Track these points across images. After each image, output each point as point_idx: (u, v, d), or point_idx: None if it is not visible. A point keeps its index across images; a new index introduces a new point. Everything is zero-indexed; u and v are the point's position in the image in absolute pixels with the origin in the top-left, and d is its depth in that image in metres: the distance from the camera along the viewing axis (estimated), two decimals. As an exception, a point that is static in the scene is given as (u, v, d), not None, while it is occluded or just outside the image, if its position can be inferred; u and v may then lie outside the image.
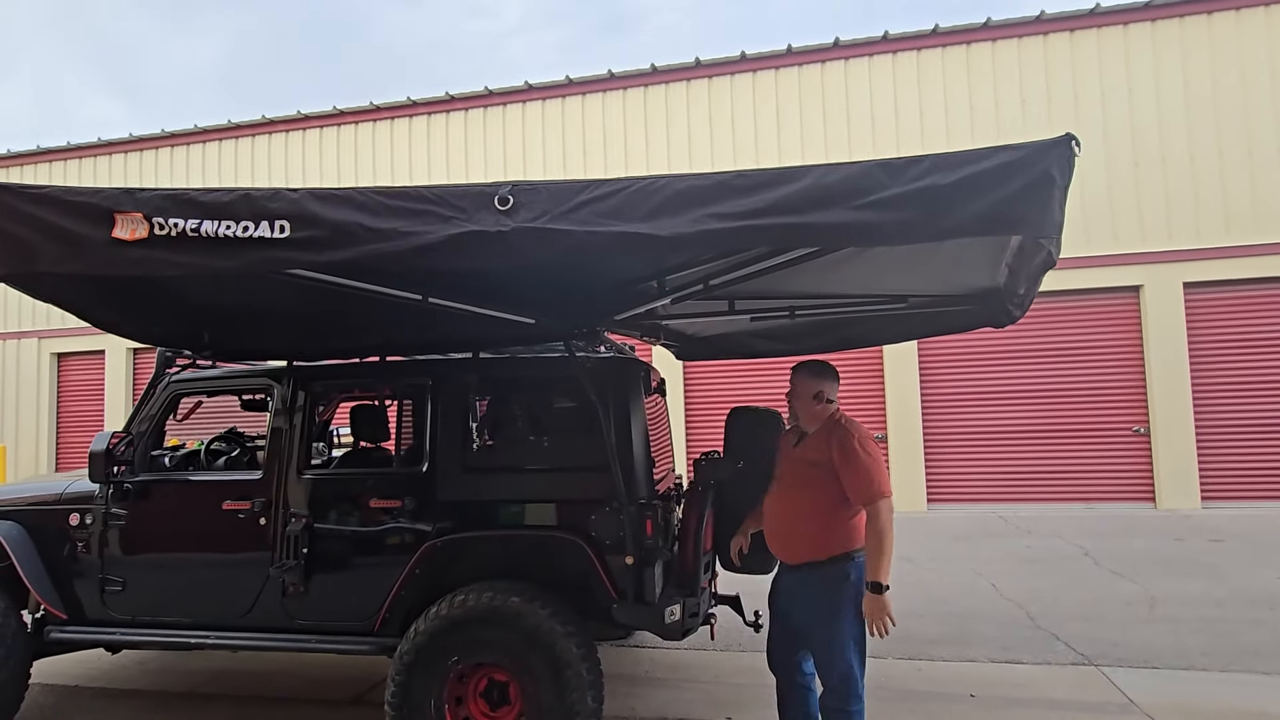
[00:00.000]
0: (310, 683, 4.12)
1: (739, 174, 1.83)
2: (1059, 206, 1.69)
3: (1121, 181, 9.38)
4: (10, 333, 12.98)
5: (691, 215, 1.79)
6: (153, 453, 3.64)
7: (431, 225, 1.83)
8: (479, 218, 1.83)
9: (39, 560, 3.50)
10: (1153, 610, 5.00)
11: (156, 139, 12.66)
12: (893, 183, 1.74)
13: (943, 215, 1.72)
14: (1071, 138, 1.69)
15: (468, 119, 11.44)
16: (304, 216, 1.85)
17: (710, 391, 10.35)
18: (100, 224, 1.87)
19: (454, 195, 1.87)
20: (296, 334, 3.53)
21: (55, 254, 1.90)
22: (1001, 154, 1.70)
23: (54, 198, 1.92)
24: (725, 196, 1.80)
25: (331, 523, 3.26)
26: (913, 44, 10.01)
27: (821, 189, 1.77)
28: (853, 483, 2.55)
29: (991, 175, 1.70)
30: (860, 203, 1.74)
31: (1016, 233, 1.85)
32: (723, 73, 10.61)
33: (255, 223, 1.83)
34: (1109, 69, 9.51)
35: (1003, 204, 1.69)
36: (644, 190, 1.83)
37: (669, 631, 2.97)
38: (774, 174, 1.82)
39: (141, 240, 1.85)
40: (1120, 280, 9.30)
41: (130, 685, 4.16)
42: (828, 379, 2.79)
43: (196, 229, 1.84)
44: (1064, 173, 1.68)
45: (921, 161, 1.75)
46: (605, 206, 1.83)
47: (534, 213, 1.83)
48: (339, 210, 1.86)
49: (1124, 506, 9.10)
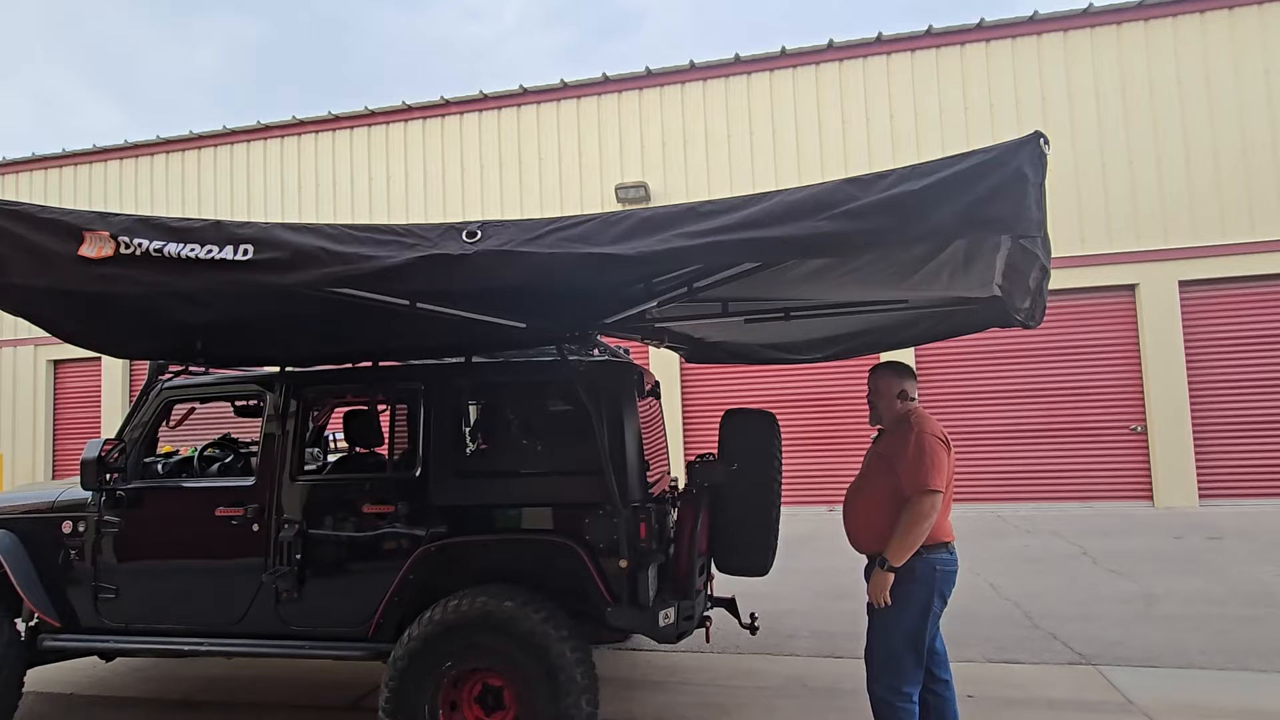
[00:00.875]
0: (305, 689, 4.10)
1: (705, 202, 1.90)
2: (1036, 203, 1.69)
3: (1116, 180, 9.40)
4: (6, 340, 12.96)
5: (658, 236, 1.85)
6: (146, 459, 3.63)
7: (394, 251, 1.89)
8: (444, 245, 1.89)
9: (32, 568, 3.48)
10: (1151, 609, 5.00)
11: (153, 145, 12.65)
12: (863, 195, 1.76)
13: (916, 220, 1.73)
14: (1040, 135, 1.70)
15: (463, 123, 11.44)
16: (268, 240, 1.92)
17: (707, 394, 10.35)
18: (68, 241, 1.93)
19: (422, 229, 1.95)
20: (288, 340, 3.52)
21: (24, 267, 1.95)
22: (972, 157, 1.72)
23: (26, 214, 1.98)
24: (691, 221, 1.85)
25: (325, 528, 3.25)
26: (907, 45, 10.04)
27: (788, 204, 1.80)
28: (905, 471, 2.61)
29: (963, 177, 1.71)
30: (828, 214, 1.77)
31: (995, 232, 1.86)
32: (717, 75, 10.62)
33: (220, 246, 1.90)
34: (1103, 68, 9.54)
35: (977, 204, 1.70)
36: (609, 220, 1.91)
37: (663, 635, 2.96)
38: (740, 199, 1.87)
39: (107, 258, 1.91)
40: (1116, 279, 9.31)
41: (125, 693, 4.14)
42: (909, 378, 2.86)
43: (160, 249, 1.91)
44: (1036, 169, 1.69)
45: (890, 174, 1.78)
46: (571, 234, 1.89)
47: (500, 240, 1.89)
48: (303, 236, 1.92)
49: (1122, 505, 9.10)
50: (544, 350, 3.50)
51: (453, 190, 11.36)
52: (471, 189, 11.33)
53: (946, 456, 2.64)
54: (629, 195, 10.50)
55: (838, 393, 9.93)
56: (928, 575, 2.61)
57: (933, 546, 2.63)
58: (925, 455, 2.59)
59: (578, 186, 10.96)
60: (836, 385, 9.92)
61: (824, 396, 9.99)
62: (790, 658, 4.31)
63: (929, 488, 2.55)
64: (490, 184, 11.24)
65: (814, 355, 4.48)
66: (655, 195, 10.62)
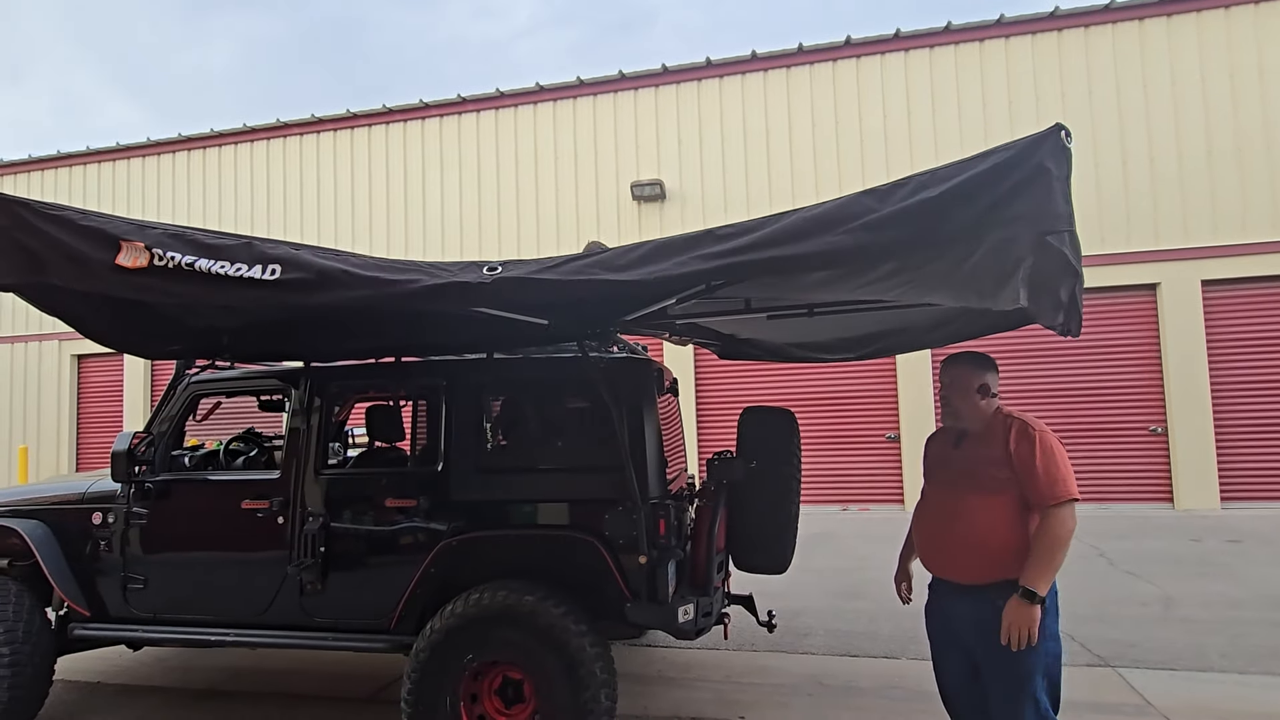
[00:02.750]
0: (327, 680, 4.17)
1: (722, 227, 1.90)
2: (1061, 197, 1.66)
3: (1137, 178, 9.29)
4: (32, 335, 13.18)
5: (675, 260, 1.87)
6: (173, 453, 3.69)
7: (416, 277, 1.97)
8: (463, 276, 1.97)
9: (63, 558, 3.56)
10: (1169, 611, 4.95)
11: (174, 143, 12.81)
12: (880, 206, 1.75)
13: (937, 225, 1.71)
14: (1061, 127, 1.66)
15: (479, 121, 11.49)
16: (294, 262, 1.98)
17: (722, 391, 10.34)
18: (107, 249, 2.00)
19: (442, 266, 2.02)
20: (312, 336, 3.57)
21: (63, 271, 2.02)
22: (991, 156, 1.70)
23: (68, 220, 2.05)
24: (709, 244, 1.87)
25: (348, 522, 3.30)
26: (926, 42, 9.96)
27: (806, 221, 1.80)
28: (1033, 481, 2.23)
29: (982, 179, 1.68)
30: (847, 228, 1.76)
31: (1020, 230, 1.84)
32: (733, 72, 10.60)
33: (249, 265, 1.97)
34: (1124, 64, 9.42)
35: (999, 204, 1.68)
36: (626, 249, 1.95)
37: (682, 631, 2.98)
38: (757, 221, 1.88)
39: (141, 269, 1.97)
40: (1136, 278, 9.20)
41: (151, 682, 4.23)
42: (990, 369, 2.47)
43: (192, 264, 1.97)
44: (1059, 163, 1.66)
45: (907, 183, 1.76)
46: (587, 263, 1.94)
47: (518, 272, 1.96)
48: (328, 259, 1.99)
49: (1140, 507, 9.01)
50: (564, 347, 3.53)
51: (469, 188, 11.42)
52: (488, 187, 11.38)
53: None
54: (644, 192, 10.50)
55: (852, 392, 9.89)
56: (1054, 598, 2.25)
57: None
58: (1057, 458, 2.24)
59: (593, 184, 10.98)
60: (851, 384, 9.89)
61: (839, 395, 9.96)
62: (806, 656, 4.32)
63: (1071, 496, 2.21)
64: (506, 182, 11.28)
65: (846, 355, 4.40)
66: (671, 192, 10.62)
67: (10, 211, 2.04)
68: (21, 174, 13.54)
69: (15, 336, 13.29)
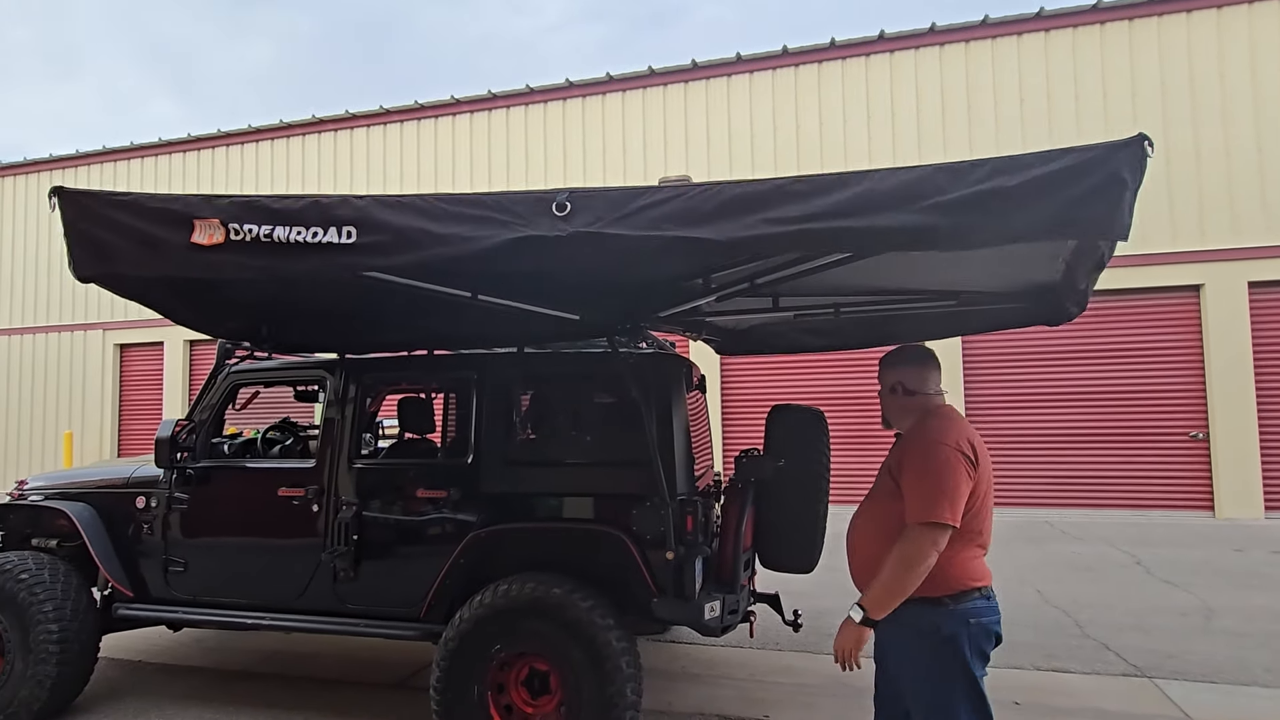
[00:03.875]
0: (358, 665, 4.25)
1: (795, 179, 1.81)
2: (1128, 209, 1.63)
3: (1181, 175, 8.99)
4: (78, 324, 13.63)
5: (747, 220, 1.79)
6: (213, 440, 3.79)
7: (491, 230, 1.88)
8: (537, 223, 1.87)
9: (108, 540, 3.68)
10: (1210, 622, 4.81)
11: (213, 139, 13.13)
12: (952, 187, 1.70)
13: (1004, 219, 1.68)
14: (1144, 138, 1.63)
15: (509, 117, 11.57)
16: (370, 223, 1.92)
17: (747, 389, 10.29)
18: (180, 229, 1.96)
19: (511, 201, 1.91)
20: (348, 328, 3.64)
21: (137, 257, 2.00)
22: (1070, 155, 1.65)
23: (137, 204, 2.02)
24: (781, 201, 1.80)
25: (380, 511, 3.36)
26: (962, 36, 9.76)
27: (879, 193, 1.74)
28: (908, 494, 2.03)
29: (1058, 178, 1.65)
30: (918, 207, 1.71)
31: (1082, 236, 1.80)
32: (764, 68, 10.51)
33: (324, 229, 1.91)
34: (1170, 58, 9.13)
35: (1069, 207, 1.64)
36: (700, 196, 1.84)
37: (708, 628, 2.98)
38: (831, 179, 1.80)
39: (218, 245, 1.94)
40: (1179, 279, 8.92)
41: (189, 662, 4.36)
42: (906, 365, 2.28)
43: (270, 234, 1.92)
44: (1135, 174, 1.62)
45: (984, 165, 1.70)
46: (661, 212, 1.84)
47: (590, 217, 1.86)
48: (403, 216, 1.91)
49: (1179, 515, 8.75)
50: (594, 342, 3.54)
51: (499, 183, 11.51)
52: (516, 182, 11.45)
53: (967, 477, 1.98)
54: (672, 189, 10.47)
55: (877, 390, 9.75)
56: (957, 632, 1.99)
57: (961, 595, 2.01)
58: (933, 474, 1.97)
59: (622, 179, 10.98)
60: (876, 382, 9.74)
61: (866, 394, 9.83)
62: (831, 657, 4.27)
63: (931, 519, 1.93)
64: (535, 178, 11.34)
65: (846, 341, 4.38)
66: (698, 189, 10.57)
67: (77, 204, 2.04)
68: (70, 169, 13.99)
69: (61, 326, 13.75)
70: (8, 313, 14.11)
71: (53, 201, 2.03)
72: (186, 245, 1.95)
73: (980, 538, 2.07)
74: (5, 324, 14.10)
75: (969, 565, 2.04)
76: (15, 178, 14.27)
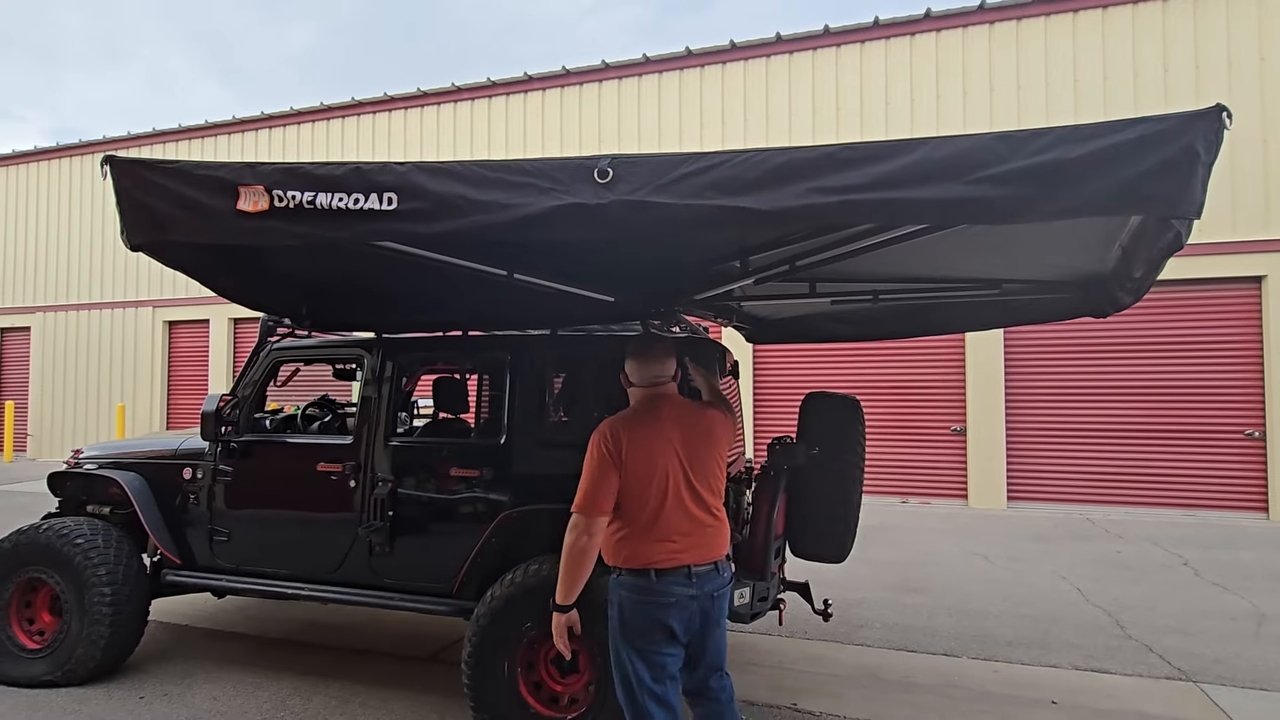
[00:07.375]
0: (392, 638, 4.36)
1: (846, 146, 1.73)
2: (1201, 185, 1.52)
3: (1245, 161, 8.54)
4: (130, 301, 14.14)
5: (794, 189, 1.71)
6: (255, 415, 3.90)
7: (531, 198, 1.83)
8: (578, 190, 1.81)
9: (157, 509, 3.83)
10: (1263, 628, 4.62)
11: (257, 121, 13.40)
12: (1012, 156, 1.60)
13: (1065, 191, 1.57)
14: (1222, 109, 1.52)
15: (545, 99, 11.54)
16: (410, 189, 1.89)
17: (779, 376, 10.18)
18: (226, 196, 1.97)
19: (553, 168, 1.86)
20: (385, 307, 3.68)
21: (185, 224, 2.02)
22: (1140, 125, 1.55)
23: (184, 171, 2.03)
24: (830, 170, 1.71)
25: (415, 489, 3.42)
26: (1013, 13, 9.37)
27: (932, 163, 1.65)
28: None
29: (1126, 149, 1.54)
30: (973, 178, 1.62)
31: (1148, 213, 1.70)
32: (805, 48, 10.26)
33: (365, 195, 1.89)
34: (1237, 35, 8.64)
35: (1136, 181, 1.54)
36: (746, 163, 1.76)
37: (738, 615, 2.97)
38: (882, 146, 1.71)
39: (263, 212, 1.94)
40: (1239, 270, 8.50)
41: (232, 628, 4.52)
42: (632, 358, 2.44)
43: (312, 201, 1.91)
44: (1210, 148, 1.52)
45: (1046, 134, 1.60)
46: (706, 180, 1.76)
47: (633, 185, 1.79)
48: (442, 183, 1.89)
49: (1230, 515, 8.42)
50: (627, 325, 3.52)
51: (533, 166, 11.51)
52: (551, 165, 11.45)
53: (610, 466, 2.20)
54: (708, 173, 10.34)
55: (918, 382, 9.57)
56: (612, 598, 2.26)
57: (629, 572, 2.21)
58: (588, 466, 2.22)
59: (656, 163, 10.88)
60: (917, 374, 9.56)
61: (903, 385, 9.65)
62: (860, 648, 4.24)
63: (579, 508, 2.19)
64: (570, 160, 11.31)
65: (880, 330, 4.26)
66: (735, 173, 10.42)
67: (131, 172, 2.07)
68: (121, 149, 14.43)
69: (115, 303, 14.27)
70: (65, 290, 14.69)
71: (105, 170, 2.06)
72: (233, 212, 1.95)
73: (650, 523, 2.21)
74: (64, 300, 14.69)
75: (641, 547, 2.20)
76: (71, 159, 14.78)
